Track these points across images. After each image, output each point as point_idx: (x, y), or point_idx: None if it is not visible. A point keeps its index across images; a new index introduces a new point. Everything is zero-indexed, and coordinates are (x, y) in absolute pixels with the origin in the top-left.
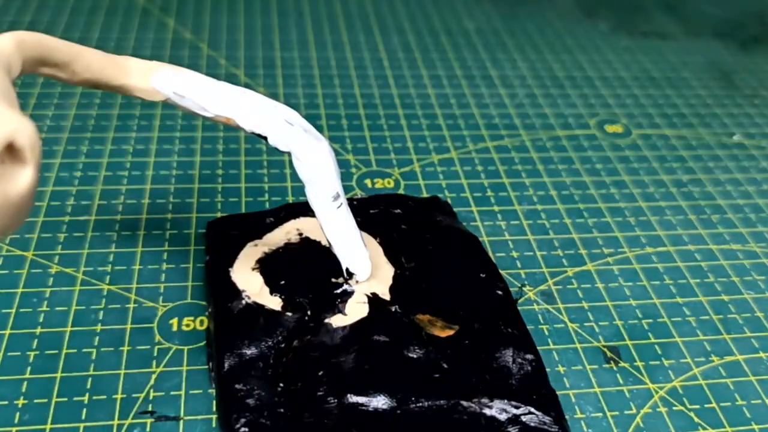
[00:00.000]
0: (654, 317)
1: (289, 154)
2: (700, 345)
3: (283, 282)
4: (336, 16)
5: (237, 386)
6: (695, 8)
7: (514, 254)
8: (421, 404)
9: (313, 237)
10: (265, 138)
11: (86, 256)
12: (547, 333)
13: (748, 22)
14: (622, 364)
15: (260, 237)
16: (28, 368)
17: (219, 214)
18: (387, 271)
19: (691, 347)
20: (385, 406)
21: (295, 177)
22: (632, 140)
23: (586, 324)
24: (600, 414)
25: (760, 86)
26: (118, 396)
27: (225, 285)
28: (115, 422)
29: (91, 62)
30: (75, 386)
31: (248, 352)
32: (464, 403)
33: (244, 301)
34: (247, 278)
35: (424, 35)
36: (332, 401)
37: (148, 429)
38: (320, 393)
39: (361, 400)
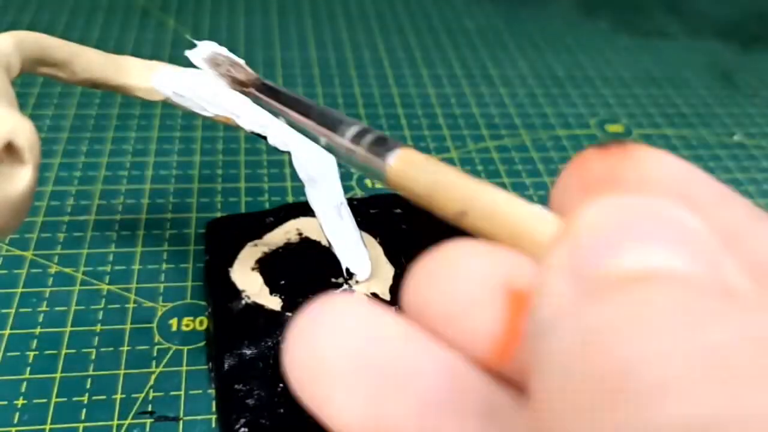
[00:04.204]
0: None
1: (288, 153)
2: None
3: (283, 282)
4: (336, 15)
5: (237, 386)
6: (696, 8)
7: None
8: None
9: (313, 237)
10: (265, 138)
11: (86, 256)
12: None
13: (748, 22)
14: None
15: (260, 237)
16: (28, 368)
17: (219, 214)
18: (387, 271)
19: None
20: None
21: (295, 177)
22: (633, 140)
23: None
24: None
25: (761, 86)
26: (118, 396)
27: (225, 285)
28: (115, 422)
29: (91, 62)
30: (75, 386)
31: (248, 352)
32: None
33: (243, 301)
34: (246, 278)
35: (425, 34)
36: None
37: (147, 429)
38: None
39: None
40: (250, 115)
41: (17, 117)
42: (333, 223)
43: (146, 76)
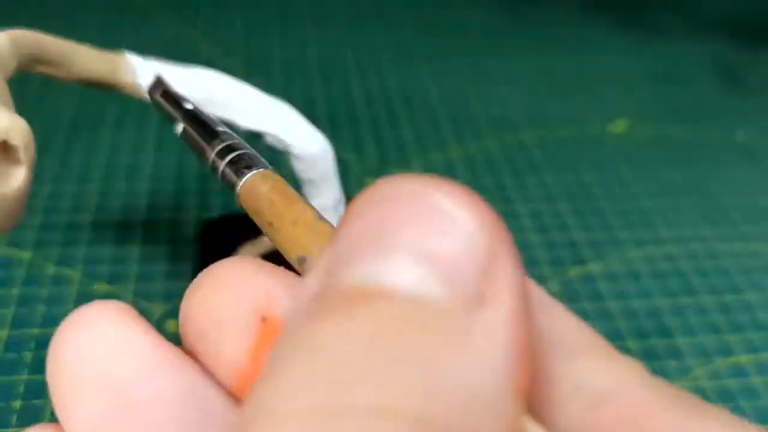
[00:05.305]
0: (656, 317)
1: (287, 153)
2: (701, 345)
3: None
4: (336, 15)
5: None
6: (700, 5)
7: None
8: None
9: None
10: (263, 137)
11: (84, 256)
12: None
13: (753, 19)
14: None
15: (258, 237)
16: (26, 369)
17: (217, 214)
18: None
19: (692, 347)
20: None
21: (293, 176)
22: (636, 138)
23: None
24: None
25: (766, 84)
26: None
27: None
28: None
29: (87, 60)
30: None
31: None
32: None
33: None
34: None
35: (425, 34)
36: None
37: None
38: None
39: None
40: (247, 113)
41: (12, 116)
42: (331, 221)
43: (144, 75)
